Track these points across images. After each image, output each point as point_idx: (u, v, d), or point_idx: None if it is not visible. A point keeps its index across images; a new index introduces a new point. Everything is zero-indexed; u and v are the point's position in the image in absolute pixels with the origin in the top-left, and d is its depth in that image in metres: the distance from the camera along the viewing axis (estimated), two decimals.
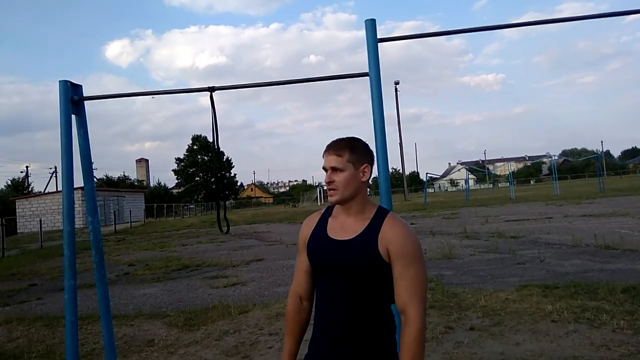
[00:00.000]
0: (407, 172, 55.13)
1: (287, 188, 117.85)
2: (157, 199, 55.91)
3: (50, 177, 59.04)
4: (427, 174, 43.91)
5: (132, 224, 31.64)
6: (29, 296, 8.36)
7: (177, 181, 75.09)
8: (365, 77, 2.49)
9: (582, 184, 53.11)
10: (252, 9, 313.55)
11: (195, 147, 72.65)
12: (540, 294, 5.67)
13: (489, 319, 4.90)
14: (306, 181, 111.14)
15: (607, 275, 6.52)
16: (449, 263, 8.48)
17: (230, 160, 75.60)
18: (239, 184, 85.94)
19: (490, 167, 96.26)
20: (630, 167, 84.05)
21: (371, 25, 2.49)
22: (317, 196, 62.01)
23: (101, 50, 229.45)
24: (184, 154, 73.22)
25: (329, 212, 1.81)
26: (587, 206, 19.64)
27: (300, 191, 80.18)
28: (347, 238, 1.67)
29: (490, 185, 77.33)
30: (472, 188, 62.46)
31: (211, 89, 2.59)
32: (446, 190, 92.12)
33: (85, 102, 2.71)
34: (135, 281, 9.15)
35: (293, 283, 1.85)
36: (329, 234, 1.72)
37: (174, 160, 73.43)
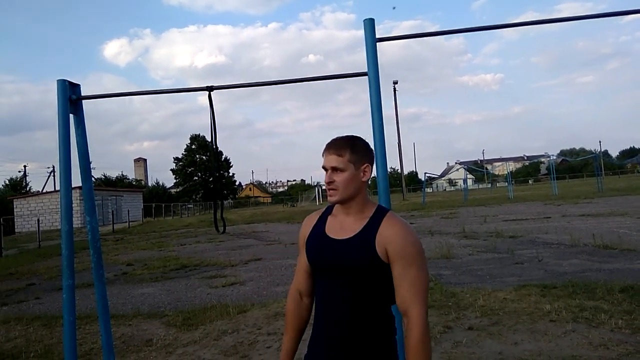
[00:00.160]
0: (405, 172, 55.21)
1: (286, 188, 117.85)
2: (156, 198, 55.88)
3: (48, 176, 59.01)
4: (425, 173, 44.15)
5: (130, 223, 31.61)
6: (27, 296, 8.34)
7: (175, 181, 75.09)
8: (364, 77, 2.49)
9: (580, 183, 53.22)
10: (251, 8, 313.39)
11: (193, 147, 72.65)
12: (538, 294, 5.67)
13: (488, 318, 4.90)
14: (305, 181, 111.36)
15: (605, 275, 6.53)
16: (448, 263, 8.49)
17: (229, 159, 75.64)
18: (237, 183, 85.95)
19: (489, 166, 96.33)
20: (629, 167, 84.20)
21: (370, 24, 2.49)
22: (315, 196, 62.02)
23: (100, 50, 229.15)
24: (182, 154, 73.28)
25: (329, 211, 1.80)
26: (585, 206, 19.68)
27: (298, 191, 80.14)
28: (345, 237, 1.66)
29: (489, 185, 77.47)
30: (471, 188, 62.54)
31: (210, 89, 2.58)
32: (445, 189, 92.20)
33: (83, 101, 2.71)
34: (134, 281, 9.14)
35: (293, 281, 1.85)
36: (328, 233, 1.71)
37: (173, 160, 73.58)
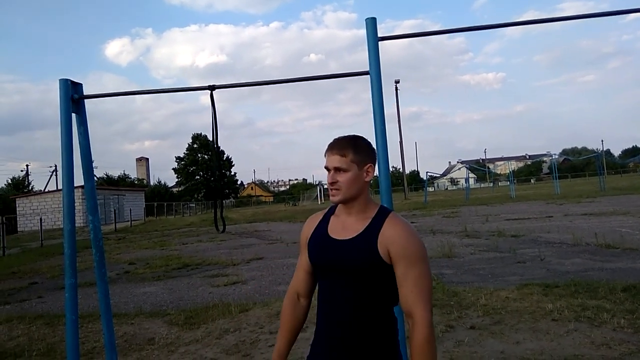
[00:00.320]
0: (407, 171, 55.12)
1: (288, 187, 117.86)
2: (158, 197, 55.97)
3: (51, 175, 59.09)
4: (427, 172, 44.17)
5: (132, 222, 31.67)
6: (29, 295, 8.37)
7: (177, 180, 75.14)
8: (366, 76, 2.49)
9: (582, 182, 53.12)
10: (253, 7, 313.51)
11: (195, 146, 72.68)
12: (540, 293, 5.67)
13: (490, 317, 4.90)
14: (306, 180, 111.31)
15: (608, 274, 6.51)
16: (450, 262, 8.48)
17: (231, 158, 75.67)
18: (239, 182, 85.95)
19: (491, 165, 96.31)
20: (631, 166, 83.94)
21: (372, 23, 2.49)
22: (317, 195, 62.02)
23: (101, 49, 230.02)
24: (184, 153, 73.28)
25: (332, 211, 1.79)
26: (588, 205, 19.64)
27: (300, 190, 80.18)
28: (347, 238, 1.65)
29: (491, 184, 77.39)
30: (473, 187, 62.45)
31: (211, 88, 2.59)
32: (446, 189, 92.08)
33: (85, 100, 2.71)
34: (136, 280, 9.16)
35: (292, 280, 1.84)
36: (330, 233, 1.70)
37: (174, 159, 73.57)
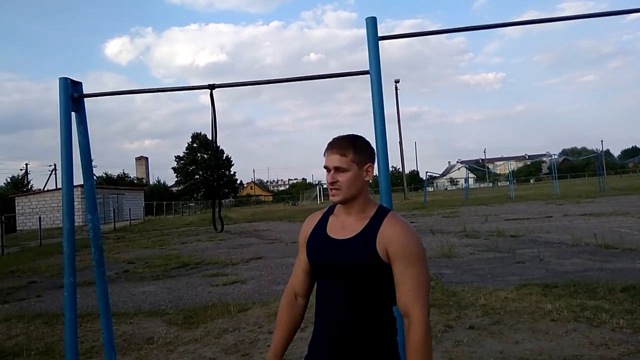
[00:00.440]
0: (407, 171, 55.14)
1: (287, 186, 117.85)
2: (157, 196, 55.92)
3: (50, 174, 59.02)
4: (427, 172, 44.21)
5: (131, 221, 31.67)
6: (28, 294, 8.36)
7: (176, 179, 75.09)
8: (366, 75, 2.49)
9: (582, 183, 53.15)
10: (253, 7, 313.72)
11: (195, 145, 72.62)
12: (539, 293, 5.67)
13: (489, 317, 4.90)
14: (306, 179, 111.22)
15: (607, 275, 6.52)
16: (449, 262, 8.48)
17: (230, 158, 75.61)
18: (238, 182, 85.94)
19: (490, 165, 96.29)
20: (630, 167, 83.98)
21: (372, 23, 2.48)
22: (316, 194, 62.01)
23: (101, 48, 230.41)
24: (183, 152, 73.22)
25: (330, 210, 1.79)
26: (587, 205, 19.65)
27: (300, 189, 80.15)
28: (346, 237, 1.65)
29: (490, 184, 77.38)
30: (472, 187, 62.45)
31: (211, 87, 2.58)
32: (446, 189, 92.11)
33: (85, 99, 2.71)
34: (135, 279, 9.15)
35: (290, 280, 1.83)
36: (329, 233, 1.70)
37: (174, 158, 73.51)
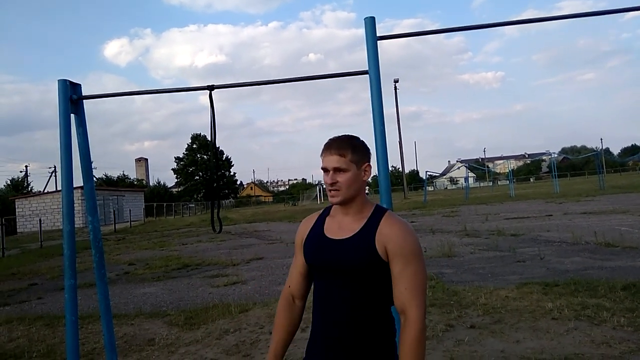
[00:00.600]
0: (406, 171, 55.13)
1: (287, 187, 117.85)
2: (157, 198, 55.94)
3: (50, 176, 59.11)
4: (426, 172, 44.31)
5: (131, 223, 31.66)
6: (29, 296, 8.36)
7: (176, 180, 75.12)
8: (365, 75, 2.49)
9: (581, 181, 53.14)
10: (252, 7, 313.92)
11: (194, 146, 72.67)
12: (540, 292, 5.67)
13: (490, 316, 4.90)
14: (306, 180, 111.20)
15: (607, 273, 6.52)
16: (449, 261, 8.48)
17: (230, 159, 75.63)
18: (238, 182, 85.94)
19: (490, 165, 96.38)
20: (630, 165, 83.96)
21: (371, 23, 2.49)
22: (316, 195, 62.02)
23: (100, 50, 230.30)
24: (183, 153, 73.29)
25: (326, 212, 1.79)
26: (587, 204, 19.65)
27: (300, 190, 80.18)
28: (344, 237, 1.65)
29: (490, 183, 77.43)
30: (472, 186, 62.47)
31: (211, 88, 2.59)
32: (446, 188, 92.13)
33: (84, 101, 2.71)
34: (136, 280, 9.15)
35: (287, 282, 1.83)
36: (326, 233, 1.70)
37: (174, 159, 73.58)
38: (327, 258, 1.65)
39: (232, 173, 76.67)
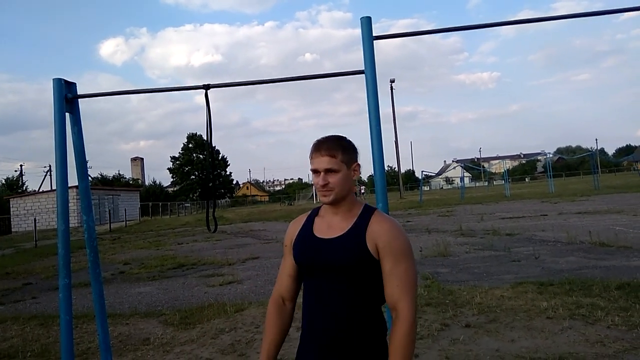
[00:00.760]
0: (402, 170, 55.28)
1: (283, 186, 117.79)
2: (153, 197, 55.79)
3: (45, 175, 58.85)
4: (422, 171, 44.37)
5: (127, 222, 31.57)
6: (23, 295, 8.31)
7: (172, 180, 74.95)
8: (361, 75, 2.49)
9: (576, 181, 53.36)
10: (248, 7, 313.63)
11: (190, 146, 72.51)
12: (535, 291, 5.69)
13: (485, 316, 4.91)
14: (302, 179, 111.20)
15: (602, 272, 6.55)
16: (445, 260, 8.50)
17: (226, 158, 75.51)
18: (234, 182, 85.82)
19: (486, 164, 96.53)
20: (625, 165, 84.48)
21: (367, 23, 2.49)
22: (312, 194, 62.01)
23: (96, 49, 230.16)
24: (179, 153, 73.15)
25: (315, 212, 1.80)
26: (582, 203, 19.74)
27: (296, 189, 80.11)
28: (333, 236, 1.66)
29: (486, 183, 77.59)
30: (468, 186, 62.68)
31: (206, 87, 2.58)
32: (441, 188, 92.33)
33: (79, 100, 2.70)
34: (131, 280, 9.12)
35: (276, 285, 1.82)
36: (316, 233, 1.71)
37: (169, 159, 73.40)
38: (317, 257, 1.65)
39: (228, 172, 76.58)
